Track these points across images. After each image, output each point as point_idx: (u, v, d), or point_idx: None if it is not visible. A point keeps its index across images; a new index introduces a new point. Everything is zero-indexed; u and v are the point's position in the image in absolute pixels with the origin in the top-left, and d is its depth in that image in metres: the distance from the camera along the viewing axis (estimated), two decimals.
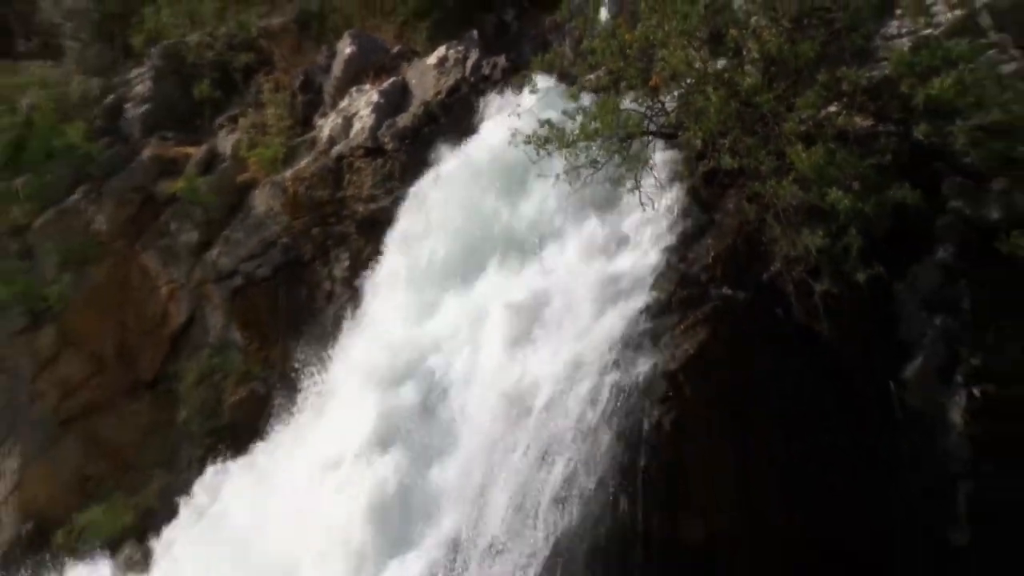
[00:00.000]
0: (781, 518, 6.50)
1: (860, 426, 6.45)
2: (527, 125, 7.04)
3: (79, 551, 8.55)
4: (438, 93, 8.54)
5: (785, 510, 6.50)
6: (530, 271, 7.19)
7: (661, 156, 6.95)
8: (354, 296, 8.55)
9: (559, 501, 5.99)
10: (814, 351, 6.50)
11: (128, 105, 10.71)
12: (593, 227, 6.96)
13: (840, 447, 6.41)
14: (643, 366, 6.38)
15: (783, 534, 6.50)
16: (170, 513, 8.61)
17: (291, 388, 8.49)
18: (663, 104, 6.92)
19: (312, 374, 8.21)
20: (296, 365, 8.43)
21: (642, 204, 6.74)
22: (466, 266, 7.39)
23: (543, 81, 7.92)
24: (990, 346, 6.29)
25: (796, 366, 6.48)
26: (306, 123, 9.33)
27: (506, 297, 6.88)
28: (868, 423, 6.46)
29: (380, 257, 8.45)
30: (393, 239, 8.26)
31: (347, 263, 8.56)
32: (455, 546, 6.33)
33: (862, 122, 6.53)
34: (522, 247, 7.30)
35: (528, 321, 6.83)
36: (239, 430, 8.59)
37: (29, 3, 13.38)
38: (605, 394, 6.24)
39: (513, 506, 6.14)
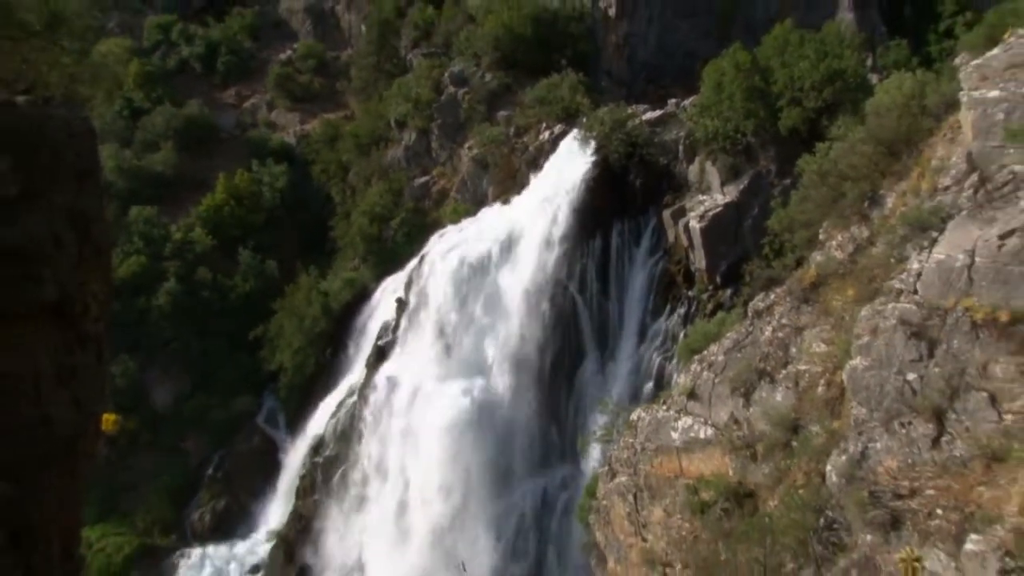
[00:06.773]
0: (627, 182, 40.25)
1: (622, 188, 40.02)
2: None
3: None
4: (560, 131, 43.06)
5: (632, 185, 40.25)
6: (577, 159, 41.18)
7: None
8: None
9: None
10: (614, 173, 40.20)
11: None
12: (587, 149, 40.74)
13: (613, 189, 40.03)
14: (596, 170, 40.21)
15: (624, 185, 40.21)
16: None
17: None
18: (601, 131, 40.92)
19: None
20: None
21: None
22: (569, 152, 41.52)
23: (579, 128, 42.26)
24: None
25: (610, 174, 40.25)
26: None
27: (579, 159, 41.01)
28: (627, 186, 40.09)
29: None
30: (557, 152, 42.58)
31: None
32: None
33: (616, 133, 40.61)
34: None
35: (580, 167, 40.70)
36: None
37: None
38: (589, 167, 40.16)
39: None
